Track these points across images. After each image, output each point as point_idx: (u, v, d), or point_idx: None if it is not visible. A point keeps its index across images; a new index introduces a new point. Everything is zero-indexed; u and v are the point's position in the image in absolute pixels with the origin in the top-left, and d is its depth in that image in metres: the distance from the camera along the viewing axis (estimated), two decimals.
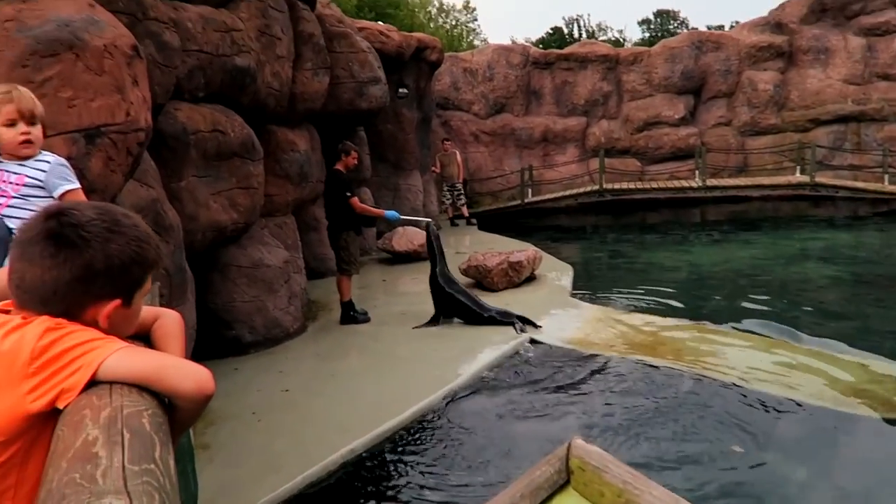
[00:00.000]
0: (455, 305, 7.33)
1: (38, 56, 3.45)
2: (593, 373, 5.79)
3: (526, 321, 7.06)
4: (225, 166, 6.41)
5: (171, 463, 1.00)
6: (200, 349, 5.81)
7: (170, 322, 1.48)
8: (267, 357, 6.59)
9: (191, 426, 1.34)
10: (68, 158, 2.64)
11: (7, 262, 1.24)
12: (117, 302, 1.24)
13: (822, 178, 17.38)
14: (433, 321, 7.32)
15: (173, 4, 5.93)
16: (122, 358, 1.13)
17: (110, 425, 0.99)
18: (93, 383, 1.09)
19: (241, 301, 6.75)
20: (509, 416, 4.99)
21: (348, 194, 7.45)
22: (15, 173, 2.32)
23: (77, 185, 2.39)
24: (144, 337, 1.43)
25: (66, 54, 3.54)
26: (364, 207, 7.58)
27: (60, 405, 1.07)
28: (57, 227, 1.18)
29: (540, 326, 7.00)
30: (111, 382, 1.11)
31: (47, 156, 2.41)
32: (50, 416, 1.08)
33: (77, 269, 1.18)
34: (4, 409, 1.07)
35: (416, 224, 8.83)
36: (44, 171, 2.35)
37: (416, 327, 7.24)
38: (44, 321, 1.15)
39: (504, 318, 7.11)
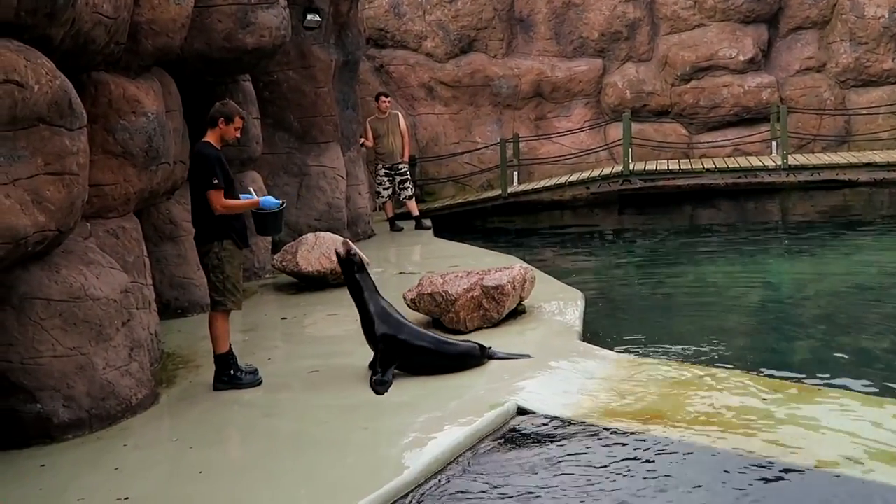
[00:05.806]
0: (410, 353, 7.59)
1: None
2: (619, 462, 5.81)
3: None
4: (24, 139, 6.31)
5: None
6: None
7: None
8: (94, 445, 6.51)
9: None
10: None
11: None
12: None
13: None
14: (381, 386, 7.34)
15: None
16: None
17: None
18: None
19: (52, 356, 6.64)
20: None
21: (215, 182, 7.39)
22: None
23: None
24: None
25: None
26: (228, 204, 7.48)
27: None
28: None
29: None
30: None
31: None
32: None
33: None
34: None
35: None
36: None
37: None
38: None
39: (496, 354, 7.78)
